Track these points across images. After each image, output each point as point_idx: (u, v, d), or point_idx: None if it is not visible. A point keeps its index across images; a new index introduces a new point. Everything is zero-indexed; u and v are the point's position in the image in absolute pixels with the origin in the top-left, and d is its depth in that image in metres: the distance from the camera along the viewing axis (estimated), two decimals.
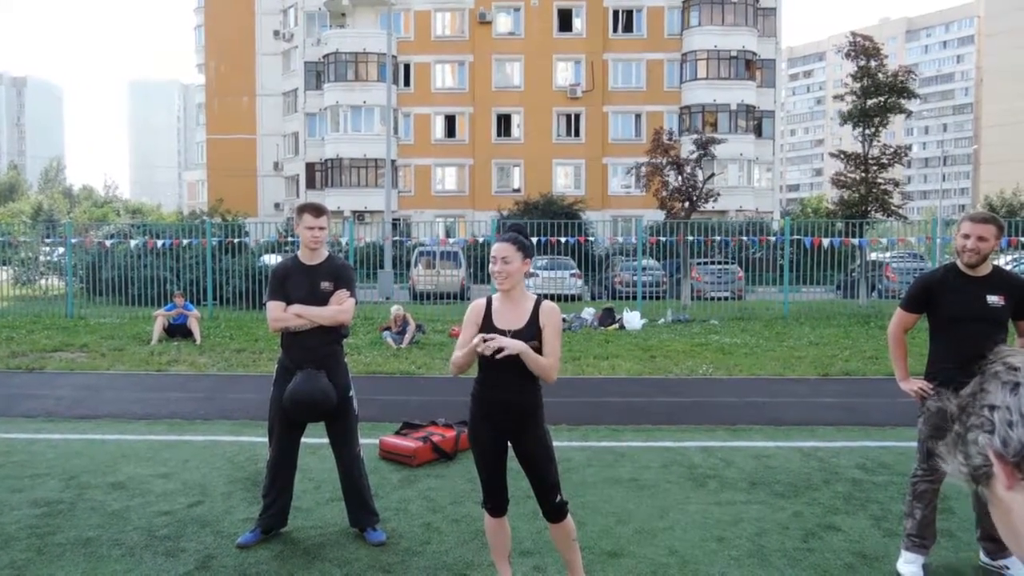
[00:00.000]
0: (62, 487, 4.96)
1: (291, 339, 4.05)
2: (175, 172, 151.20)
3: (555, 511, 3.23)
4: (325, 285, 4.02)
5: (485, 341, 3.00)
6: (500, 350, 3.01)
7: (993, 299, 3.57)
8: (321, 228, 4.01)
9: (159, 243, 16.61)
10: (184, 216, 52.81)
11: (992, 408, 0.74)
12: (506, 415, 3.19)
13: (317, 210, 4.03)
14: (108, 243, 17.59)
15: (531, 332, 3.13)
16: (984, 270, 3.63)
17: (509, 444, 3.27)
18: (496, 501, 3.30)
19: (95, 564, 3.78)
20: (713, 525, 4.30)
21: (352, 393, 4.18)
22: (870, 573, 3.68)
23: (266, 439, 5.45)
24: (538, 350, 3.12)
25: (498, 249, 3.20)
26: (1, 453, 5.76)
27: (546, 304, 3.22)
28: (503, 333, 3.11)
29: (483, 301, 3.26)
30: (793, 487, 4.96)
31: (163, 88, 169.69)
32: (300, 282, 4.05)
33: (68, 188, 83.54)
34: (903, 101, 20.23)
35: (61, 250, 19.07)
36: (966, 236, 3.60)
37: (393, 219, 25.34)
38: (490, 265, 3.23)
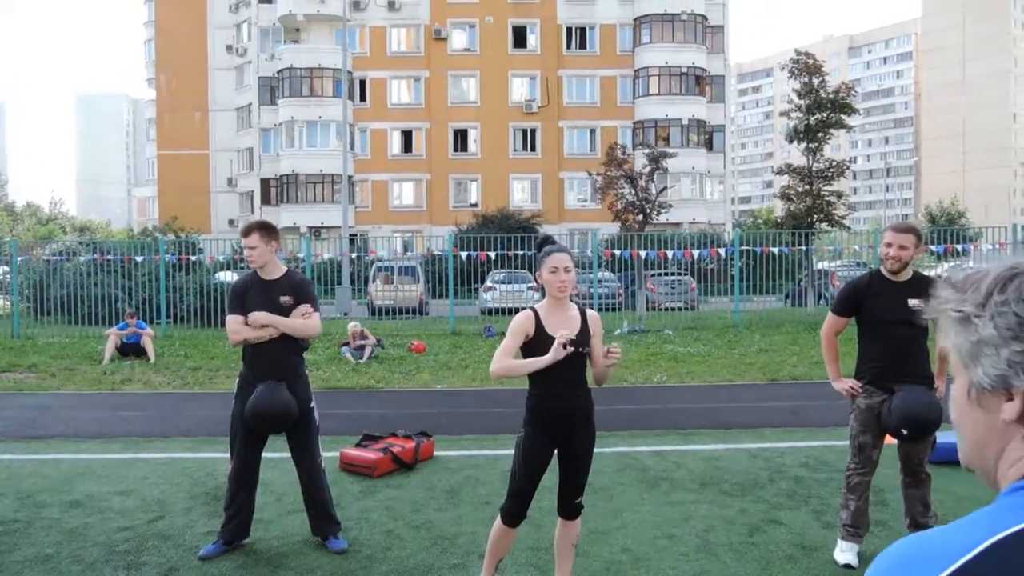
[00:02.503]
0: (16, 506, 4.92)
1: (252, 352, 4.12)
2: (123, 188, 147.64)
3: (574, 510, 3.41)
4: (284, 299, 4.11)
5: (572, 344, 3.16)
6: (576, 345, 3.20)
7: (914, 302, 3.85)
8: (251, 247, 4.07)
9: (110, 259, 16.30)
10: (135, 233, 51.67)
11: None
12: (569, 420, 3.31)
13: (245, 231, 4.11)
14: (55, 259, 17.21)
15: (584, 339, 3.27)
16: (906, 275, 3.92)
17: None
18: (520, 510, 3.35)
19: None
20: (664, 523, 4.49)
21: (313, 405, 4.27)
22: (809, 563, 3.91)
23: (225, 454, 5.48)
24: (588, 355, 3.30)
25: (562, 259, 3.26)
26: None
27: (591, 312, 3.40)
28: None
29: (530, 312, 3.31)
30: (740, 486, 5.20)
31: (111, 102, 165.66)
32: (259, 297, 4.13)
33: (11, 204, 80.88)
34: (844, 117, 21.09)
35: (4, 268, 18.55)
36: (888, 244, 3.89)
37: (350, 235, 25.27)
38: (548, 275, 3.27)
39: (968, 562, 0.63)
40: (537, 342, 3.24)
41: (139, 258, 16.74)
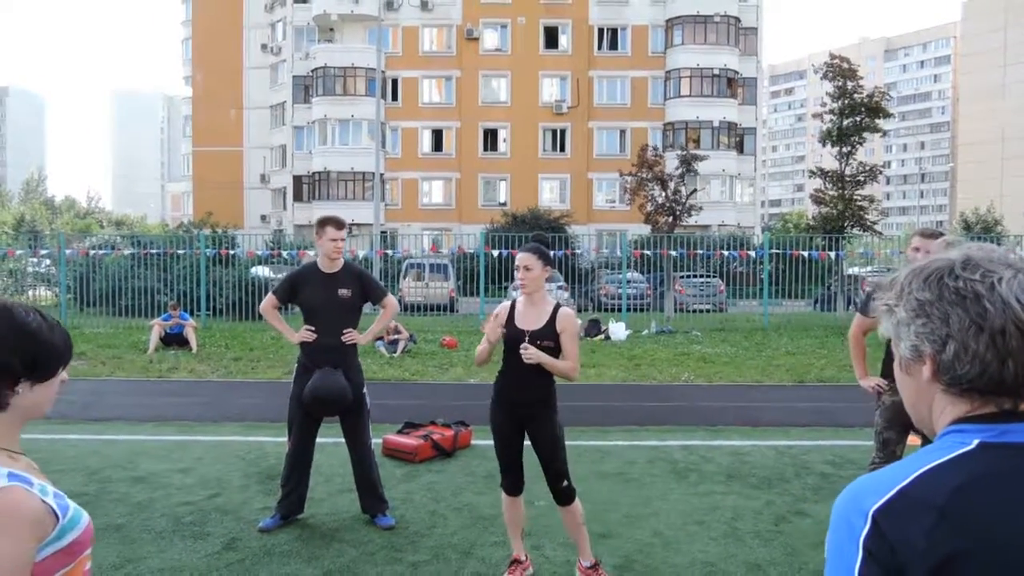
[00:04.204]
0: (86, 480, 5.28)
1: (312, 341, 4.43)
2: (157, 184, 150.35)
3: (561, 495, 3.65)
4: (343, 292, 4.41)
5: (523, 346, 3.46)
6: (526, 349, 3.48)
7: None
8: (343, 239, 4.42)
9: (154, 252, 16.87)
10: (169, 228, 52.81)
11: (948, 336, 0.89)
12: (519, 405, 3.62)
13: (339, 223, 4.44)
14: (101, 253, 17.81)
15: (547, 333, 3.54)
16: None
17: (526, 434, 3.69)
18: (511, 481, 3.72)
19: (129, 546, 4.12)
20: (693, 512, 4.71)
21: (365, 390, 4.56)
22: None
23: (273, 439, 5.83)
24: (554, 349, 3.53)
25: (521, 258, 3.59)
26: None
27: (563, 310, 3.63)
28: (522, 332, 3.51)
29: (507, 304, 3.69)
30: (767, 480, 5.40)
31: (147, 99, 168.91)
32: (319, 289, 4.43)
33: (50, 199, 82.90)
34: (878, 121, 20.99)
35: (47, 261, 19.23)
36: (916, 249, 4.07)
37: (380, 232, 25.69)
38: (515, 271, 3.63)
39: (903, 487, 0.87)
40: (509, 331, 3.60)
41: (181, 251, 17.25)
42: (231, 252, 17.92)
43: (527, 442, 3.73)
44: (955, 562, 0.83)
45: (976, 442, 0.90)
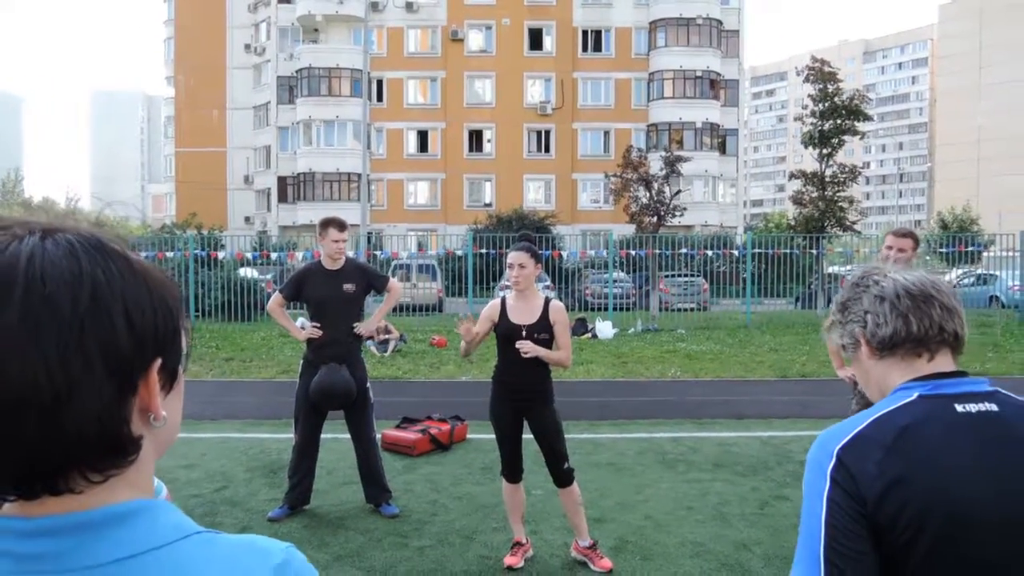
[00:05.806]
0: None
1: (318, 338, 4.62)
2: (137, 185, 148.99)
3: (562, 477, 3.87)
4: (347, 287, 4.61)
5: (518, 343, 3.70)
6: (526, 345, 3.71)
7: None
8: (344, 240, 4.62)
9: (144, 256, 16.89)
10: (152, 229, 52.43)
11: (866, 312, 1.23)
12: (520, 395, 3.83)
13: (341, 225, 4.63)
14: None
15: (542, 326, 3.78)
16: None
17: (525, 422, 3.89)
18: (512, 469, 3.94)
19: None
20: (682, 498, 4.95)
21: (369, 385, 4.76)
22: None
23: (273, 435, 6.01)
24: (549, 341, 3.76)
25: (515, 257, 3.82)
26: None
27: (555, 303, 3.86)
28: (518, 327, 3.72)
29: (498, 301, 3.91)
30: (751, 468, 5.65)
31: (127, 99, 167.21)
32: (323, 284, 4.63)
33: (28, 200, 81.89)
34: (858, 123, 21.42)
35: None
36: (889, 247, 4.34)
37: (366, 232, 25.80)
38: (507, 270, 3.83)
39: (860, 431, 1.13)
40: (501, 326, 3.82)
41: (169, 254, 17.30)
42: (220, 255, 17.98)
43: (527, 435, 3.94)
44: (899, 484, 1.09)
45: (916, 395, 1.17)
